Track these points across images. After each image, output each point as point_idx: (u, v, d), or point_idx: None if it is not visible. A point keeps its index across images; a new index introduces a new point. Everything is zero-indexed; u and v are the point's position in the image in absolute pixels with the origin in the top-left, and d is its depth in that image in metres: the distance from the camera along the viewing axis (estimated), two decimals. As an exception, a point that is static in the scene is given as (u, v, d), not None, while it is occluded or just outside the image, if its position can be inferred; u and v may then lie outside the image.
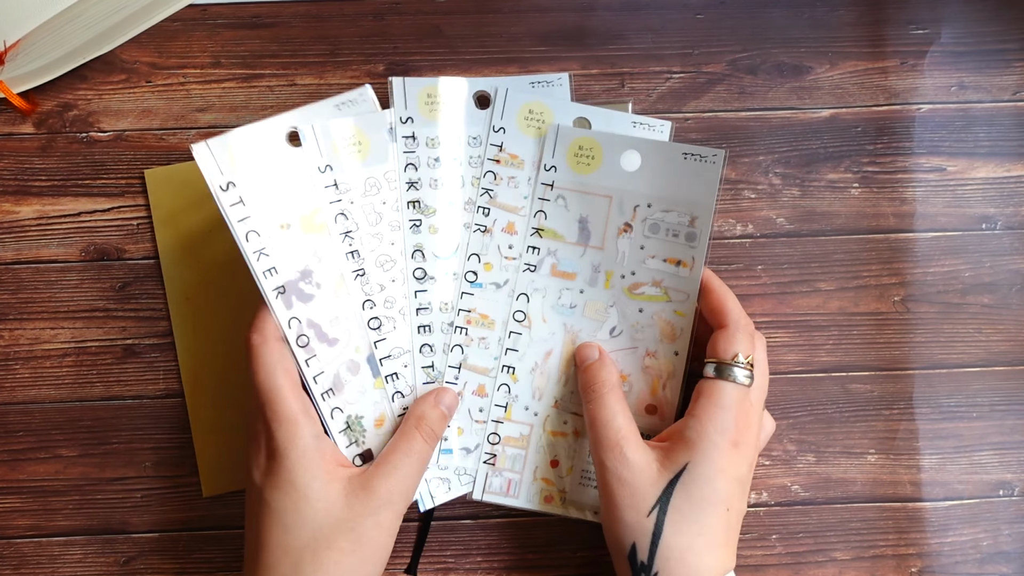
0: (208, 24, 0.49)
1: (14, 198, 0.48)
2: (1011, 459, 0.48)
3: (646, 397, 0.42)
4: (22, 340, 0.48)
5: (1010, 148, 0.49)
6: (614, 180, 0.42)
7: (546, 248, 0.43)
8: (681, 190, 0.41)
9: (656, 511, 0.37)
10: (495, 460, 0.43)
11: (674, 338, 0.42)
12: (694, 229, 0.41)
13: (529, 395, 0.43)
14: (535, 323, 0.43)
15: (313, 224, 0.44)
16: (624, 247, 0.42)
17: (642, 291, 0.42)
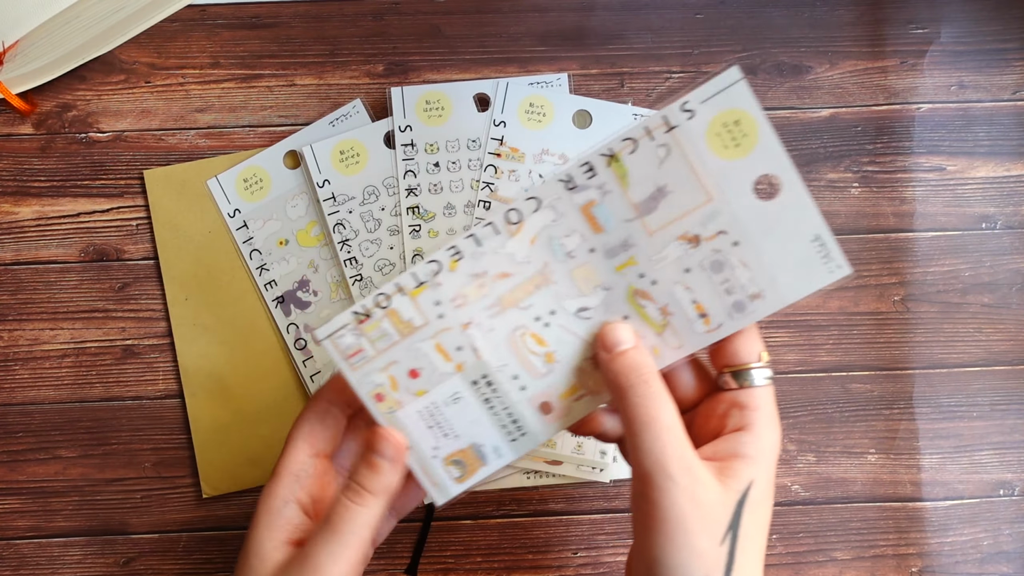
0: (207, 24, 0.49)
1: (13, 199, 0.48)
2: (1011, 459, 0.48)
3: (551, 393, 0.35)
4: (21, 341, 0.48)
5: (1010, 147, 0.49)
6: (732, 188, 0.32)
7: (601, 181, 0.32)
8: (777, 262, 0.32)
9: (729, 537, 0.31)
10: (365, 320, 0.34)
11: None
12: (749, 304, 0.33)
13: (450, 293, 0.34)
14: (521, 237, 0.33)
15: (308, 237, 0.47)
16: (672, 254, 0.33)
17: (645, 305, 0.34)
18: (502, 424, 0.35)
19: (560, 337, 0.34)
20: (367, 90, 0.49)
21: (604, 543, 0.47)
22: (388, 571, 0.47)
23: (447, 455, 0.35)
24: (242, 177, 0.47)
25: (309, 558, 0.33)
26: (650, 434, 0.31)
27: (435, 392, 0.34)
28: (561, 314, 0.34)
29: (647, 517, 0.31)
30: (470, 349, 0.34)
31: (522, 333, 0.34)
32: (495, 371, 0.34)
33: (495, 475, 0.37)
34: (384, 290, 0.33)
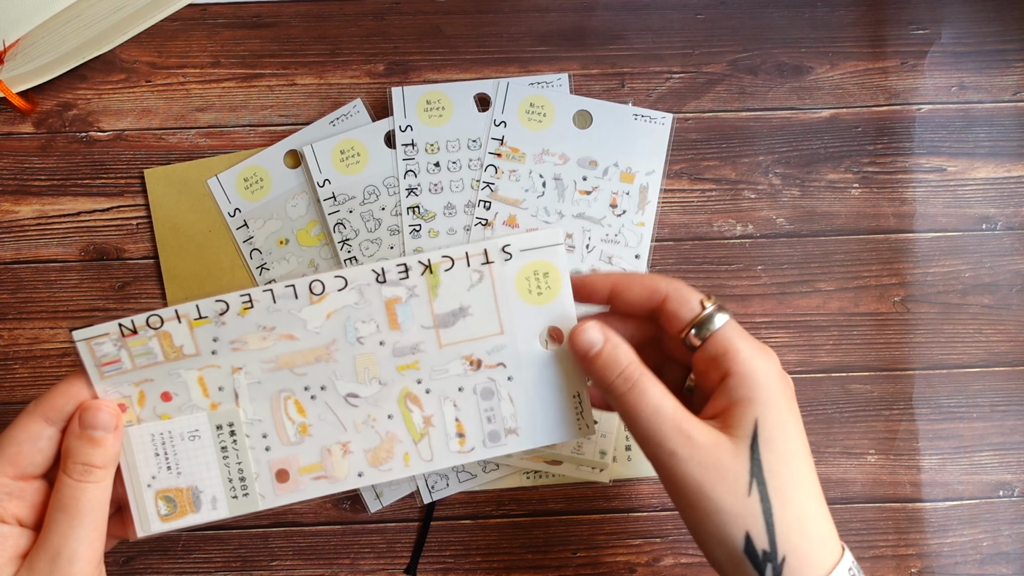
0: (208, 24, 0.49)
1: (13, 198, 0.48)
2: (1011, 460, 0.48)
3: (292, 463, 0.35)
4: (21, 340, 0.48)
5: (1010, 148, 0.49)
6: (522, 331, 0.35)
7: (413, 284, 0.34)
8: (538, 407, 0.35)
9: (755, 485, 0.31)
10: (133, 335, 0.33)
11: (376, 464, 0.35)
12: (504, 437, 0.35)
13: (231, 335, 0.34)
14: (320, 308, 0.34)
15: (309, 237, 0.47)
16: (454, 370, 0.35)
17: (412, 410, 0.35)
18: (229, 478, 0.35)
19: (321, 413, 0.35)
20: (368, 90, 0.49)
21: (604, 543, 0.47)
22: (388, 571, 0.47)
23: (161, 489, 0.35)
24: (242, 176, 0.47)
25: (53, 547, 0.31)
26: (642, 421, 0.32)
27: (179, 420, 0.34)
28: (331, 392, 0.34)
29: (671, 495, 0.32)
30: (231, 393, 0.34)
31: (287, 396, 0.34)
32: (247, 423, 0.34)
33: (201, 525, 0.36)
34: (160, 312, 0.33)
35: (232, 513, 0.35)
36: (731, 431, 0.31)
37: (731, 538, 0.31)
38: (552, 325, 0.35)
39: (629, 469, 0.47)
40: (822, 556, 0.31)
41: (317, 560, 0.47)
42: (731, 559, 0.31)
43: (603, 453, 0.46)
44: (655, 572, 0.47)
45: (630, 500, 0.48)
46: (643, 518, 0.47)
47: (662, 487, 0.47)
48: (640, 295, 0.35)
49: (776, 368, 0.33)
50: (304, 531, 0.47)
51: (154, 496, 0.35)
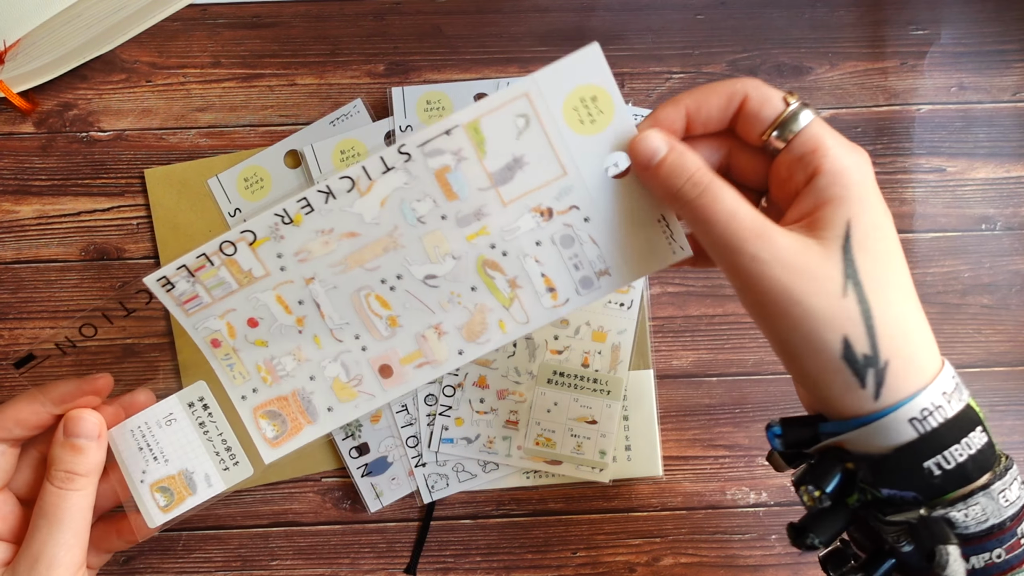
0: (208, 24, 0.49)
1: (14, 197, 0.48)
2: (1010, 460, 0.48)
3: (392, 359, 0.34)
4: (22, 339, 0.48)
5: (1010, 149, 0.49)
6: (586, 166, 0.32)
7: (458, 147, 0.31)
8: (625, 240, 0.33)
9: (850, 285, 0.28)
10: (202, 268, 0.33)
11: (472, 338, 0.34)
12: (596, 280, 0.33)
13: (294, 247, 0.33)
14: (371, 198, 0.32)
15: None
16: (524, 226, 0.33)
17: (494, 276, 0.33)
18: (215, 451, 0.35)
19: (405, 302, 0.33)
20: (368, 90, 0.49)
21: (603, 543, 0.47)
22: (388, 571, 0.47)
23: (154, 481, 0.35)
24: (243, 176, 0.47)
25: (33, 552, 0.32)
26: (717, 226, 0.28)
27: (152, 409, 0.35)
28: (408, 279, 0.33)
29: (756, 306, 0.29)
30: (312, 304, 0.33)
31: (367, 293, 0.33)
32: (336, 328, 0.34)
33: (205, 506, 0.36)
34: (205, 249, 0.33)
35: (228, 484, 0.35)
36: (820, 233, 0.28)
37: (827, 344, 0.28)
38: (616, 151, 0.32)
39: (629, 469, 0.47)
40: (925, 361, 0.28)
41: (317, 560, 0.47)
42: (827, 368, 0.28)
43: (603, 453, 0.46)
44: (655, 572, 0.48)
45: (630, 500, 0.48)
46: (643, 518, 0.48)
47: (662, 487, 0.47)
48: (718, 103, 0.31)
49: (870, 166, 0.29)
50: (304, 531, 0.47)
51: (149, 490, 0.35)
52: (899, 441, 0.27)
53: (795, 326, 0.28)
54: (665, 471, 0.47)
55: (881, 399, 0.28)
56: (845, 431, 0.28)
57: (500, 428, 0.46)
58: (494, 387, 0.46)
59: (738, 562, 0.47)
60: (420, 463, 0.46)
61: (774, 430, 0.31)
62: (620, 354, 0.47)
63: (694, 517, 0.47)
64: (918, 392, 0.27)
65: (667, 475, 0.47)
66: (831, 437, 0.29)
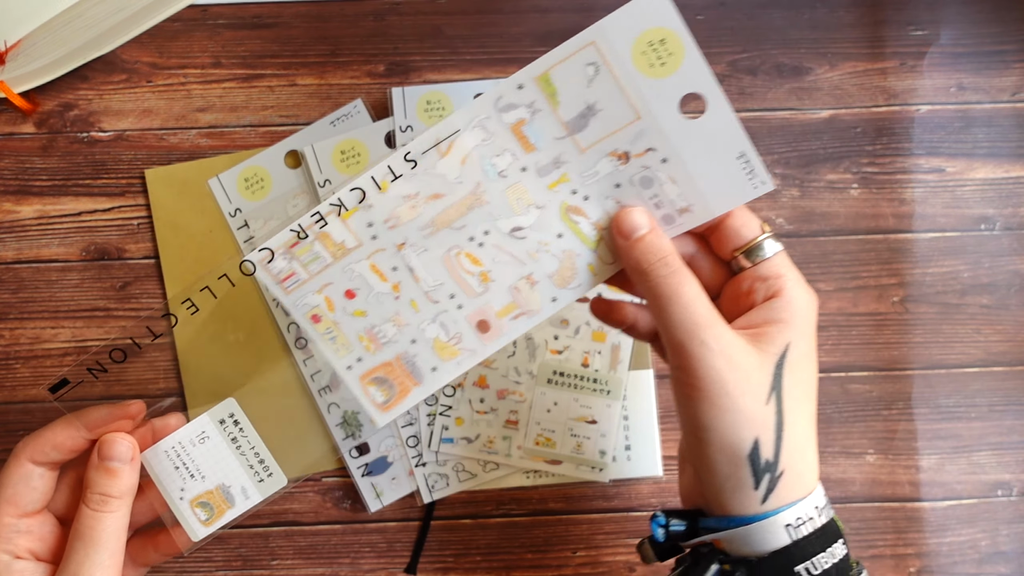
0: (209, 24, 0.49)
1: (15, 198, 0.48)
2: (1009, 459, 0.48)
3: (488, 313, 0.35)
4: (22, 339, 0.48)
5: (1009, 149, 0.49)
6: (660, 109, 0.32)
7: (531, 99, 0.33)
8: (704, 178, 0.33)
9: (774, 396, 0.31)
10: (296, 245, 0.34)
11: (564, 284, 0.34)
12: (678, 218, 0.34)
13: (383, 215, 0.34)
14: (451, 158, 0.33)
15: None
16: (604, 169, 0.33)
17: (578, 222, 0.34)
18: (249, 464, 0.36)
19: (495, 256, 0.34)
20: (368, 90, 0.49)
21: (603, 542, 0.47)
22: (388, 571, 0.47)
23: (194, 497, 0.36)
24: (243, 176, 0.48)
25: (70, 573, 0.34)
26: (677, 306, 0.31)
27: (184, 429, 0.36)
28: (495, 234, 0.34)
29: (688, 388, 0.31)
30: (405, 269, 0.34)
31: (457, 252, 0.34)
32: (431, 289, 0.35)
33: (243, 517, 0.37)
34: (301, 223, 0.34)
35: (264, 495, 0.36)
36: (762, 345, 0.31)
37: (740, 441, 0.30)
38: (688, 93, 0.32)
39: (629, 469, 0.47)
40: (808, 479, 0.31)
41: (317, 560, 0.47)
42: (731, 462, 0.31)
43: (603, 453, 0.46)
44: (655, 572, 0.48)
45: (630, 500, 0.48)
46: (643, 518, 0.48)
47: (662, 487, 0.47)
48: None
49: (816, 307, 0.33)
50: (304, 531, 0.47)
51: (189, 506, 0.36)
52: (775, 545, 0.30)
53: (720, 414, 0.30)
54: (665, 471, 0.47)
55: (767, 503, 0.31)
56: (727, 527, 0.31)
57: (500, 428, 0.46)
58: (494, 387, 0.46)
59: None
60: (420, 463, 0.46)
61: (659, 520, 0.33)
62: (620, 354, 0.47)
63: (694, 517, 0.48)
64: (796, 502, 0.31)
65: (667, 475, 0.48)
66: (710, 532, 0.32)
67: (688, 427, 0.32)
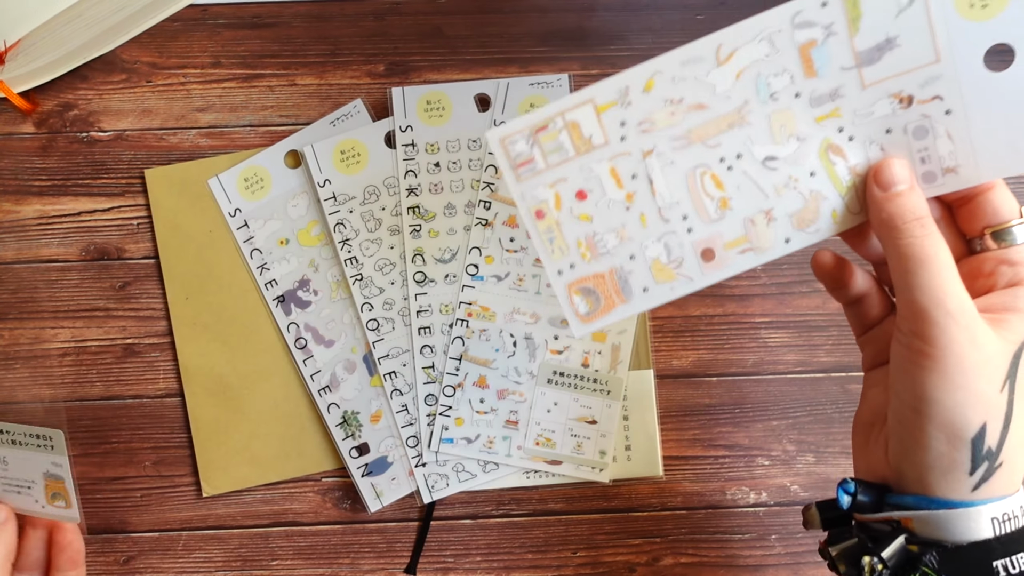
0: (208, 24, 0.49)
1: (14, 197, 0.48)
2: (1010, 460, 0.48)
3: (715, 243, 0.32)
4: (22, 339, 0.48)
5: (1010, 149, 0.49)
6: (964, 54, 0.30)
7: (831, 20, 0.30)
8: (985, 138, 0.31)
9: (1008, 385, 0.29)
10: (543, 129, 0.31)
11: (803, 226, 0.32)
12: (940, 177, 0.31)
13: (639, 116, 0.31)
14: (728, 68, 0.30)
15: (309, 237, 0.47)
16: (880, 111, 0.31)
17: (835, 161, 0.31)
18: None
19: (740, 183, 0.32)
20: (368, 90, 0.49)
21: (603, 543, 0.47)
22: (388, 571, 0.47)
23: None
24: (243, 176, 0.48)
25: None
26: (928, 271, 0.29)
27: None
28: (747, 159, 0.31)
29: (920, 355, 0.29)
30: (645, 179, 0.32)
31: (703, 172, 0.32)
32: (666, 207, 0.32)
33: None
34: (570, 99, 0.31)
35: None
36: (1002, 332, 0.30)
37: (966, 420, 0.29)
38: (999, 43, 0.29)
39: (629, 469, 0.47)
40: (1020, 478, 0.30)
41: (317, 560, 0.47)
42: (951, 441, 0.29)
43: (603, 453, 0.46)
44: (655, 572, 0.48)
45: (630, 500, 0.48)
46: (643, 518, 0.48)
47: (662, 487, 0.47)
48: None
49: None
50: (304, 531, 0.47)
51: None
52: (976, 536, 0.29)
53: (949, 391, 0.29)
54: (665, 471, 0.47)
55: (977, 492, 0.29)
56: (927, 508, 0.29)
57: (500, 428, 0.46)
58: (494, 387, 0.46)
59: (738, 562, 0.47)
60: (420, 463, 0.46)
61: (847, 487, 0.32)
62: (620, 354, 0.47)
63: (694, 517, 0.47)
64: (1006, 496, 0.29)
65: (667, 475, 0.47)
66: (901, 510, 0.30)
67: (907, 396, 0.30)
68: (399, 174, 0.47)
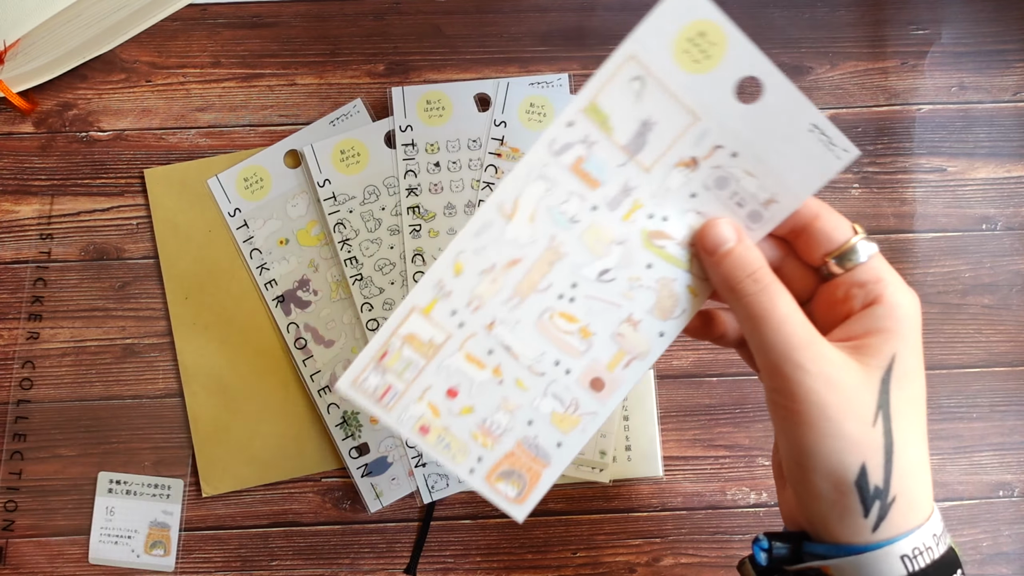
0: (208, 24, 0.49)
1: (14, 197, 0.48)
2: (1011, 460, 0.48)
3: (599, 369, 0.32)
4: (22, 340, 0.48)
5: (1010, 149, 0.49)
6: (715, 100, 0.30)
7: (583, 132, 0.31)
8: (781, 162, 0.31)
9: (880, 417, 0.28)
10: (385, 355, 0.32)
11: (667, 316, 0.32)
12: (764, 211, 0.31)
13: (464, 298, 0.31)
14: (519, 219, 0.31)
15: (309, 237, 0.47)
16: (674, 183, 0.31)
17: (663, 244, 0.32)
18: None
19: (589, 308, 0.32)
20: (368, 90, 0.49)
21: (603, 543, 0.47)
22: (388, 571, 0.47)
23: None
24: (242, 176, 0.47)
25: None
26: (769, 327, 0.29)
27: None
28: (583, 284, 0.32)
29: (786, 411, 0.29)
30: (501, 349, 0.32)
31: (550, 315, 0.32)
32: (535, 361, 0.32)
33: None
34: (395, 317, 0.31)
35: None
36: (865, 359, 0.29)
37: (845, 466, 0.28)
38: (746, 76, 0.30)
39: (629, 469, 0.47)
40: (923, 503, 0.29)
41: (317, 560, 0.47)
42: (837, 489, 0.28)
43: (603, 453, 0.46)
44: (655, 572, 0.47)
45: (630, 500, 0.48)
46: (643, 518, 0.47)
47: (662, 487, 0.47)
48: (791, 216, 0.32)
49: (919, 306, 0.30)
50: (304, 531, 0.47)
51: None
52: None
53: (821, 440, 0.28)
54: (665, 471, 0.47)
55: (878, 532, 0.28)
56: (836, 556, 0.29)
57: (500, 428, 0.46)
58: (494, 387, 0.46)
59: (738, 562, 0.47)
60: (420, 463, 0.46)
61: (761, 543, 0.31)
62: (620, 354, 0.47)
63: (694, 517, 0.47)
64: (913, 530, 0.28)
65: (667, 475, 0.47)
66: (816, 559, 0.30)
67: (788, 452, 0.30)
68: (399, 174, 0.47)
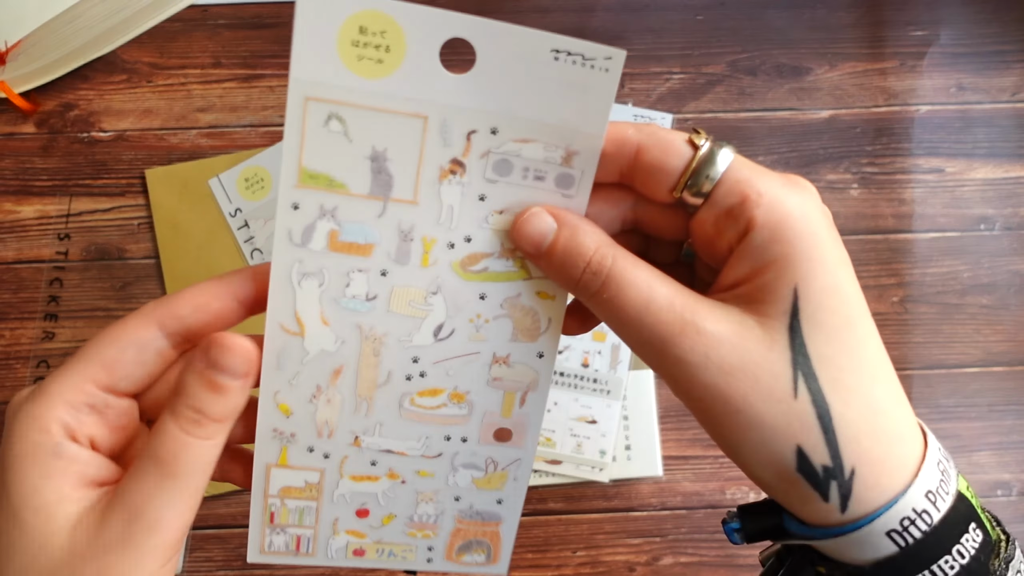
0: (209, 24, 0.49)
1: (15, 197, 0.48)
2: (1009, 459, 0.48)
3: (495, 420, 0.29)
4: (23, 339, 0.48)
5: (1009, 149, 0.49)
6: (428, 88, 0.26)
7: (314, 205, 0.25)
8: (550, 108, 0.26)
9: (802, 381, 0.22)
10: (273, 516, 0.29)
11: (536, 334, 0.28)
12: (570, 170, 0.26)
13: (311, 432, 0.28)
14: (312, 332, 0.27)
15: None
16: (452, 199, 0.26)
17: (484, 266, 0.27)
18: None
19: (446, 372, 0.28)
20: (368, 90, 0.49)
21: (603, 542, 0.47)
22: (387, 571, 0.47)
23: None
24: (243, 176, 0.48)
25: (134, 505, 0.23)
26: (630, 323, 0.23)
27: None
28: (424, 353, 0.27)
29: (693, 410, 0.24)
30: (383, 455, 0.29)
31: (409, 400, 0.28)
32: (425, 449, 0.29)
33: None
34: (256, 482, 0.28)
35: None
36: (761, 307, 0.23)
37: (778, 456, 0.23)
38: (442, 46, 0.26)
39: (629, 469, 0.47)
40: (902, 457, 0.23)
41: (317, 559, 0.47)
42: (782, 479, 0.23)
43: (603, 453, 0.46)
44: (655, 571, 0.48)
45: (630, 500, 0.48)
46: (643, 518, 0.48)
47: (662, 487, 0.47)
48: (608, 157, 0.25)
49: (815, 204, 0.23)
50: (304, 530, 0.47)
51: None
52: (878, 555, 0.23)
53: (739, 435, 0.23)
54: (665, 471, 0.47)
55: (849, 511, 0.23)
56: (812, 537, 0.24)
57: (500, 428, 0.46)
58: (494, 387, 0.46)
59: (738, 561, 0.47)
60: (420, 463, 0.46)
61: (731, 525, 0.27)
62: (620, 354, 0.47)
63: (694, 517, 0.48)
64: (895, 499, 0.22)
65: (667, 475, 0.48)
66: (798, 538, 0.25)
67: (723, 448, 0.24)
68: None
